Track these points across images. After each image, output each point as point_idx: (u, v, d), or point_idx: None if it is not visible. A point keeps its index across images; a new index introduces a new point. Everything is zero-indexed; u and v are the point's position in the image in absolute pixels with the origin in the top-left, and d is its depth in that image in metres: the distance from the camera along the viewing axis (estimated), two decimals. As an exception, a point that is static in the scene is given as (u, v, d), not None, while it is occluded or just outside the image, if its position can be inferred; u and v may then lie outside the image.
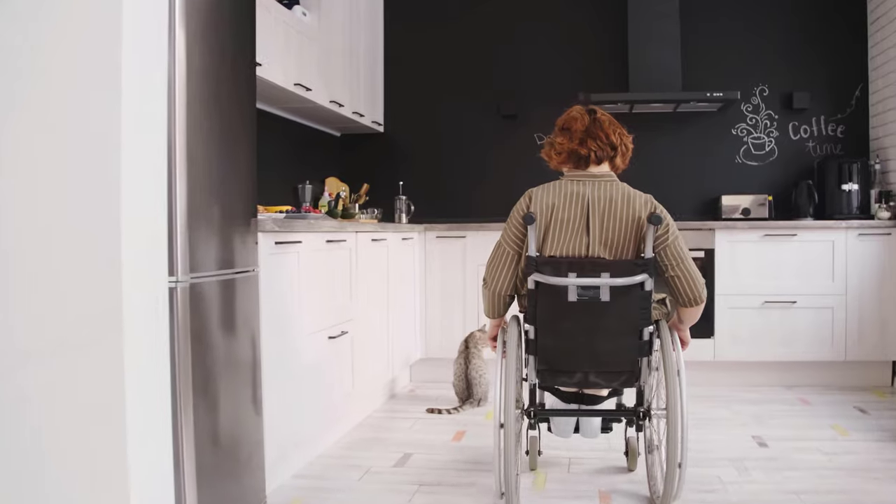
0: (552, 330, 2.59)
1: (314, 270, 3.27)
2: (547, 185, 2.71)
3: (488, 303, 2.80)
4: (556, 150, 2.77)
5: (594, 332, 2.58)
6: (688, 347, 2.89)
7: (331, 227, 3.34)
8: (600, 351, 2.60)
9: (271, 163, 4.66)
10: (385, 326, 4.31)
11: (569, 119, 2.80)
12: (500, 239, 2.75)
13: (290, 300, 3.03)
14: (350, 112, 4.99)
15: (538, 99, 5.66)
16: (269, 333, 2.84)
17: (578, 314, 2.55)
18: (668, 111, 5.47)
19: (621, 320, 2.56)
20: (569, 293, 2.53)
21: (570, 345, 2.60)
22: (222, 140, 2.49)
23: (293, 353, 3.06)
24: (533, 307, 2.58)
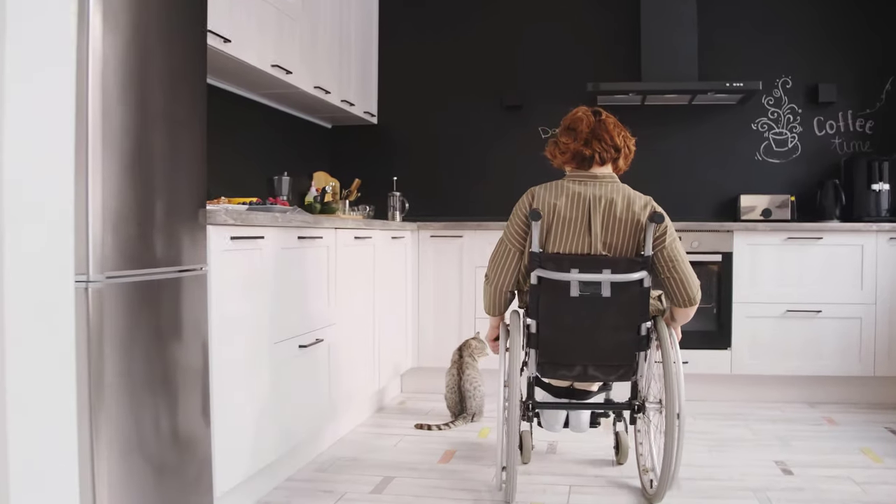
0: (554, 324, 2.67)
1: (281, 270, 2.89)
2: (549, 184, 2.79)
3: (490, 299, 2.89)
4: (561, 150, 2.87)
5: (595, 327, 2.66)
6: (679, 339, 2.93)
7: (302, 223, 2.96)
8: (600, 345, 2.68)
9: (249, 153, 4.29)
10: (371, 333, 3.93)
11: (574, 119, 2.87)
12: (502, 236, 2.83)
13: (251, 303, 2.66)
14: (338, 100, 4.62)
15: (543, 89, 5.28)
16: (223, 340, 2.47)
17: (580, 309, 2.64)
18: (683, 104, 5.08)
19: (621, 315, 2.66)
20: (571, 289, 2.62)
21: (571, 338, 2.68)
22: (158, 121, 2.11)
23: (254, 362, 2.68)
24: (535, 302, 2.67)
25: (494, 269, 2.83)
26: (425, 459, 3.38)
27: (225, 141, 4.03)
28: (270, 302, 2.79)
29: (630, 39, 5.13)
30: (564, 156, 2.85)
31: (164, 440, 2.13)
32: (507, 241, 2.80)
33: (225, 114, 4.03)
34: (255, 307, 2.68)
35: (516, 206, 2.80)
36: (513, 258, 2.79)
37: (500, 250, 2.82)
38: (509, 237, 2.79)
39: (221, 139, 3.99)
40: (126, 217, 1.98)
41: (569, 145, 2.81)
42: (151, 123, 2.09)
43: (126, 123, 1.98)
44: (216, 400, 2.42)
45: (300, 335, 3.05)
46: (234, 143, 4.12)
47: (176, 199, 2.20)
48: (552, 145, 2.92)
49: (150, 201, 2.08)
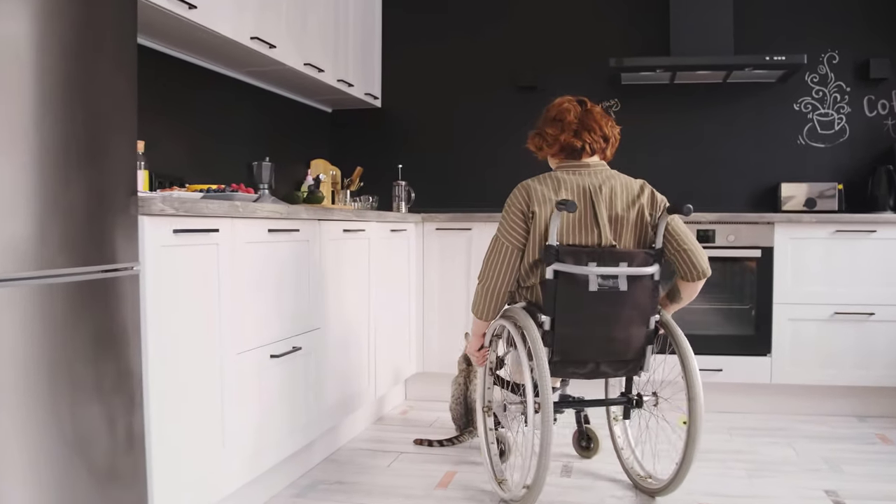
0: (572, 320, 2.55)
1: (245, 268, 2.47)
2: (541, 177, 2.70)
3: (485, 302, 2.73)
4: (548, 142, 2.78)
5: (611, 322, 2.57)
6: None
7: (273, 213, 2.54)
8: (615, 340, 2.60)
9: (235, 138, 3.88)
10: (365, 337, 3.51)
11: (560, 110, 2.78)
12: (496, 234, 2.70)
13: (204, 308, 2.24)
14: (333, 80, 4.19)
15: (561, 66, 4.82)
16: (165, 354, 2.05)
17: (598, 304, 2.54)
18: (717, 81, 4.59)
19: (635, 309, 2.59)
20: (589, 283, 2.52)
21: (587, 335, 2.58)
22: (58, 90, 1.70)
23: (208, 378, 2.27)
24: (552, 297, 2.53)
25: (491, 270, 2.70)
26: (420, 483, 2.95)
27: (204, 124, 3.62)
28: (230, 306, 2.37)
29: (657, 9, 4.66)
30: (552, 148, 2.77)
31: (80, 490, 1.73)
32: (505, 239, 2.66)
33: (206, 95, 3.62)
34: (209, 313, 2.27)
35: (510, 203, 2.67)
36: (513, 258, 2.66)
37: (497, 249, 2.68)
38: (507, 235, 2.66)
39: (199, 122, 3.58)
40: (12, 211, 1.57)
41: (557, 137, 2.73)
42: (56, 96, 1.68)
43: (18, 95, 1.57)
44: (154, 427, 2.01)
45: (271, 343, 2.64)
46: (216, 127, 3.71)
47: (95, 186, 1.79)
48: (537, 137, 2.83)
49: (54, 190, 1.67)
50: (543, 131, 2.79)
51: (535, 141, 2.84)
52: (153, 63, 3.28)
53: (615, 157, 4.77)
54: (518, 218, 2.63)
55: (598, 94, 4.76)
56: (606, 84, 4.76)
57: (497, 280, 2.68)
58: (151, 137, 3.26)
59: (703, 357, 4.03)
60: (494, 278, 2.68)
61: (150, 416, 1.99)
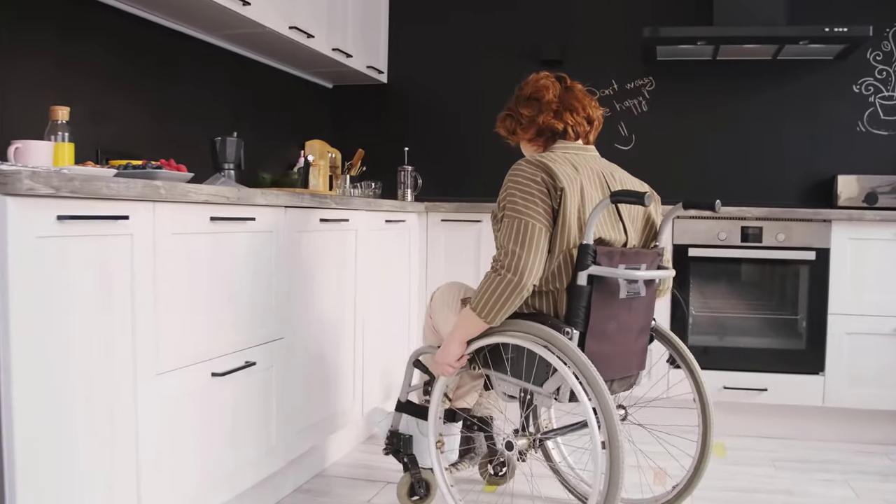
0: (602, 334, 2.16)
1: (176, 267, 1.98)
2: (551, 154, 2.24)
3: (501, 300, 2.08)
4: (522, 124, 2.38)
5: (632, 333, 2.27)
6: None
7: (212, 197, 2.04)
8: (632, 353, 2.31)
9: (206, 112, 3.39)
10: (350, 346, 3.01)
11: (537, 87, 2.38)
12: (522, 217, 2.10)
13: (108, 319, 1.76)
14: (327, 48, 3.69)
15: (589, 38, 4.27)
16: (44, 386, 1.57)
17: (623, 313, 2.22)
18: (767, 58, 4.02)
19: (647, 317, 2.34)
20: (620, 289, 2.17)
21: (614, 350, 2.21)
22: None
23: (116, 410, 1.79)
24: (583, 307, 2.10)
25: (529, 259, 2.06)
26: (402, 527, 2.45)
27: (173, 96, 3.14)
28: (148, 315, 1.88)
29: (700, -23, 4.10)
30: (527, 131, 2.37)
31: None
32: (534, 218, 2.09)
33: (175, 61, 3.14)
34: (116, 325, 1.78)
35: (523, 177, 2.14)
36: (545, 243, 2.11)
37: (530, 232, 2.08)
38: (534, 214, 2.09)
39: (168, 93, 3.10)
40: None
41: (534, 118, 2.34)
42: None
43: None
44: (22, 478, 1.52)
45: (214, 358, 2.14)
46: (186, 100, 3.23)
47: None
48: (508, 120, 2.43)
49: None
50: (517, 112, 2.39)
51: (507, 124, 2.43)
52: (113, 24, 2.80)
53: (643, 145, 4.24)
54: (542, 193, 2.10)
55: (628, 71, 4.21)
56: (639, 60, 4.20)
57: (534, 272, 2.06)
58: (103, 108, 2.78)
59: (744, 374, 3.49)
60: (532, 270, 2.06)
61: (14, 479, 1.51)
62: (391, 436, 2.64)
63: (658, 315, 3.53)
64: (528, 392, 2.22)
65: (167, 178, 1.98)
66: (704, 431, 2.39)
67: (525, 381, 2.16)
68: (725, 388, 3.51)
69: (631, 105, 4.24)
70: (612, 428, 1.96)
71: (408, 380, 2.63)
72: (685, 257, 3.54)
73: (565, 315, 2.13)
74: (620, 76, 4.25)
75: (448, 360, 2.26)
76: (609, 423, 1.96)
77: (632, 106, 4.24)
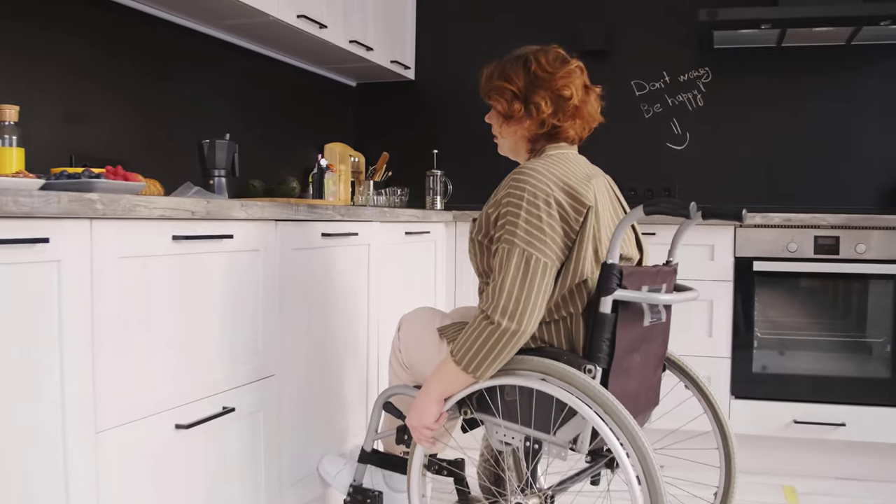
0: (627, 370, 1.82)
1: (121, 296, 1.63)
2: (555, 159, 1.85)
3: (501, 354, 1.70)
4: (531, 116, 1.89)
5: (652, 365, 1.95)
6: None
7: (169, 211, 1.67)
8: (652, 388, 1.98)
9: (207, 114, 3.04)
10: (362, 381, 2.63)
11: (568, 72, 1.90)
12: (526, 248, 1.71)
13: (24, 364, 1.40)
14: (344, 41, 3.32)
15: (638, 25, 3.84)
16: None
17: (645, 343, 1.88)
18: (839, 43, 3.55)
19: (665, 346, 2.01)
20: (644, 316, 1.83)
21: (636, 387, 1.89)
22: None
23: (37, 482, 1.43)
24: (609, 339, 1.74)
25: (532, 301, 1.69)
26: None
27: (168, 96, 2.80)
28: (84, 356, 1.52)
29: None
30: (530, 127, 1.90)
31: None
32: (542, 252, 1.70)
33: (172, 58, 2.80)
34: (37, 372, 1.42)
35: (534, 195, 1.72)
36: (550, 282, 1.72)
37: (534, 272, 1.70)
38: (544, 245, 1.71)
39: (161, 93, 2.76)
40: None
41: (546, 119, 1.88)
42: None
43: None
44: None
45: (179, 406, 1.78)
46: (184, 100, 2.88)
47: None
48: (508, 94, 1.89)
49: None
50: (527, 97, 1.88)
51: (513, 107, 1.89)
52: (93, 13, 2.46)
53: (699, 144, 3.79)
54: (558, 219, 1.73)
55: (682, 61, 3.77)
56: (694, 49, 3.76)
57: (534, 317, 1.70)
58: (80, 108, 2.45)
59: (818, 406, 3.04)
60: (532, 316, 1.69)
61: None
62: (355, 492, 2.24)
63: (718, 338, 3.10)
64: (533, 441, 1.82)
65: (107, 190, 1.62)
66: (728, 477, 2.05)
67: (532, 428, 1.78)
68: (796, 423, 3.05)
69: (685, 100, 3.79)
70: (648, 462, 1.61)
71: (374, 425, 2.21)
72: (749, 272, 3.09)
73: (585, 348, 1.77)
74: (673, 67, 3.80)
75: (425, 423, 1.83)
76: (645, 460, 1.62)
77: (686, 101, 3.79)
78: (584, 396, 1.67)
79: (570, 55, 1.96)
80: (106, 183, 1.59)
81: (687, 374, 2.09)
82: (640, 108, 3.84)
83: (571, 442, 1.75)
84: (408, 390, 2.09)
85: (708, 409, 2.07)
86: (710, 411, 2.07)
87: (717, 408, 2.06)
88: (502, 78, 1.91)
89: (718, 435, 2.06)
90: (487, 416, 1.87)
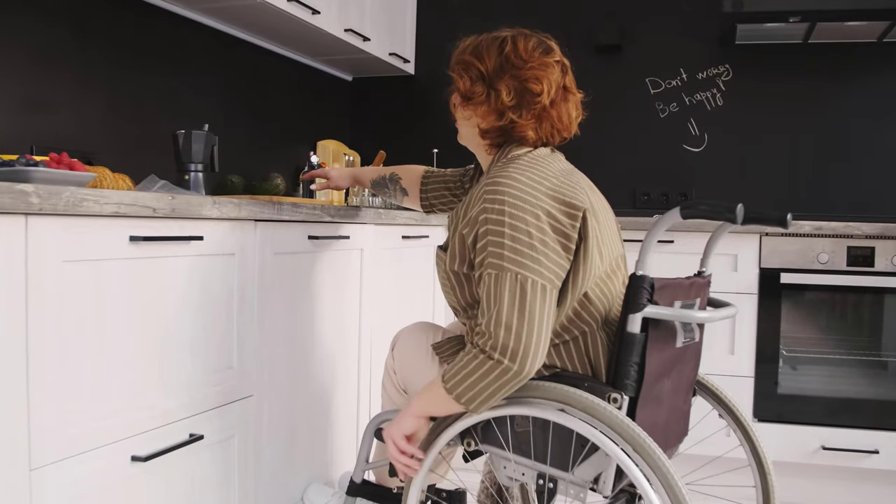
0: (657, 398, 1.56)
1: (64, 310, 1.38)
2: (528, 158, 1.60)
3: (499, 392, 1.46)
4: (490, 104, 1.65)
5: (681, 392, 1.69)
6: None
7: (122, 207, 1.42)
8: (682, 417, 1.71)
9: (189, 108, 2.79)
10: (352, 401, 2.38)
11: (541, 65, 1.65)
12: (520, 271, 1.44)
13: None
14: (338, 29, 3.07)
15: (654, 18, 3.60)
16: None
17: (677, 366, 1.62)
18: (871, 40, 3.31)
19: (696, 369, 1.76)
20: (677, 336, 1.57)
21: (666, 416, 1.62)
22: None
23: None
24: (638, 364, 1.48)
25: (535, 336, 1.44)
26: None
27: (148, 83, 2.55)
28: (13, 381, 1.27)
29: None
30: (488, 116, 1.67)
31: None
32: (538, 273, 1.46)
33: (154, 45, 2.55)
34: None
35: (520, 208, 1.47)
36: (553, 306, 1.49)
37: (533, 293, 1.45)
38: (540, 267, 1.46)
39: (138, 82, 2.51)
40: None
41: (505, 111, 1.65)
42: None
43: None
44: None
45: (135, 435, 1.52)
46: (163, 91, 2.63)
47: None
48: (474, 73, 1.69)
49: None
50: (492, 82, 1.65)
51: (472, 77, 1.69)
52: None
53: (717, 146, 3.54)
54: (549, 228, 1.48)
55: (701, 57, 3.53)
56: (714, 45, 3.51)
57: (538, 355, 1.45)
58: (42, 94, 2.20)
59: (848, 431, 2.79)
60: (534, 352, 1.44)
61: None
62: None
63: (740, 356, 2.85)
64: (548, 479, 1.58)
65: (47, 181, 1.36)
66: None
67: (547, 465, 1.55)
68: (825, 449, 2.81)
69: (703, 99, 3.55)
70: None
71: (364, 454, 1.95)
72: (776, 284, 2.84)
73: (609, 374, 1.52)
74: (690, 64, 3.55)
75: (394, 435, 1.61)
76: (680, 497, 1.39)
77: (704, 100, 3.55)
78: (609, 430, 1.43)
79: (562, 51, 1.72)
80: (45, 172, 1.34)
81: (721, 400, 1.85)
82: (656, 107, 3.60)
83: (592, 481, 1.52)
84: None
85: (745, 441, 1.82)
86: (746, 443, 1.82)
87: (754, 440, 1.82)
88: (474, 54, 1.71)
89: (757, 471, 1.82)
90: (494, 448, 1.63)
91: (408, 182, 2.17)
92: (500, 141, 1.68)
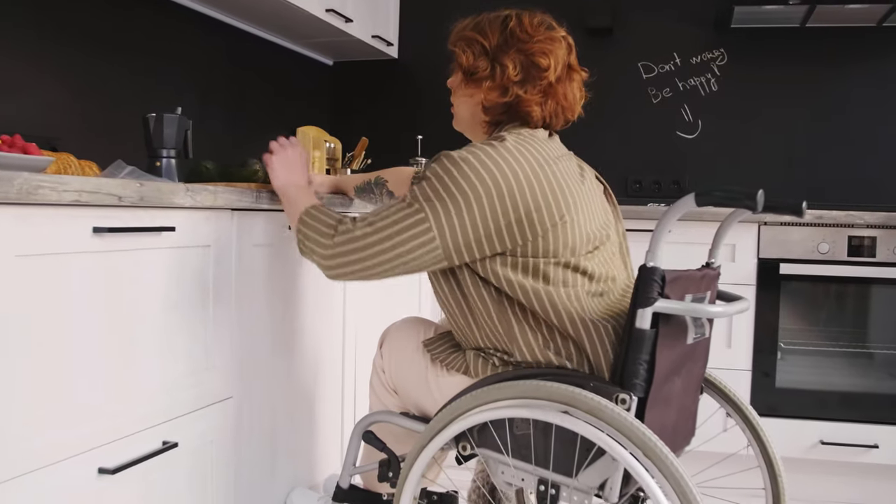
0: (667, 398, 1.47)
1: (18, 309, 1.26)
2: (520, 135, 1.54)
3: (305, 244, 1.61)
4: (499, 81, 1.58)
5: (690, 391, 1.62)
6: None
7: (83, 195, 1.29)
8: (690, 417, 1.65)
9: (160, 94, 2.65)
10: (337, 402, 2.26)
11: (548, 39, 1.58)
12: (427, 214, 1.45)
13: None
14: (319, 8, 2.93)
15: (647, 1, 3.49)
16: None
17: (687, 363, 1.55)
18: (870, 25, 3.23)
19: (705, 366, 1.69)
20: (688, 331, 1.48)
21: (676, 417, 1.54)
22: None
23: None
24: (648, 362, 1.38)
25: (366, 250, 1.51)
26: None
27: (115, 66, 2.40)
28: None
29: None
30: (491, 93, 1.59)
31: None
32: (441, 227, 1.46)
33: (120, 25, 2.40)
34: None
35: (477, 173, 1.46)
36: (418, 262, 1.52)
37: (413, 236, 1.48)
38: (449, 227, 1.46)
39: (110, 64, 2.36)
40: None
41: (509, 87, 1.58)
42: None
43: None
44: None
45: (102, 446, 1.39)
46: (134, 76, 2.49)
47: None
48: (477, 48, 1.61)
49: None
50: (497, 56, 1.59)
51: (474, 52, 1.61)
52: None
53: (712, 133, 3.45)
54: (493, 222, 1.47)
55: (695, 41, 3.43)
56: (709, 28, 3.41)
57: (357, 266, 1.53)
58: (5, 79, 2.06)
59: (848, 426, 2.73)
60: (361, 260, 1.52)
61: None
62: None
63: (737, 349, 2.76)
64: (550, 485, 1.48)
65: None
66: None
67: (549, 470, 1.47)
68: (823, 444, 2.73)
69: (697, 84, 3.44)
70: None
71: (351, 458, 1.83)
72: (775, 275, 2.75)
73: (616, 372, 1.43)
74: (684, 48, 3.45)
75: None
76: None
77: (698, 85, 3.44)
78: (616, 433, 1.33)
79: (563, 28, 1.66)
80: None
81: (729, 398, 1.76)
82: (648, 92, 3.49)
83: (598, 488, 1.42)
84: (392, 417, 1.73)
85: (754, 441, 1.73)
86: (756, 444, 1.74)
87: (765, 440, 1.73)
88: (476, 30, 1.64)
89: (767, 472, 1.73)
90: (492, 452, 1.53)
91: (395, 184, 2.06)
92: (501, 119, 1.62)
